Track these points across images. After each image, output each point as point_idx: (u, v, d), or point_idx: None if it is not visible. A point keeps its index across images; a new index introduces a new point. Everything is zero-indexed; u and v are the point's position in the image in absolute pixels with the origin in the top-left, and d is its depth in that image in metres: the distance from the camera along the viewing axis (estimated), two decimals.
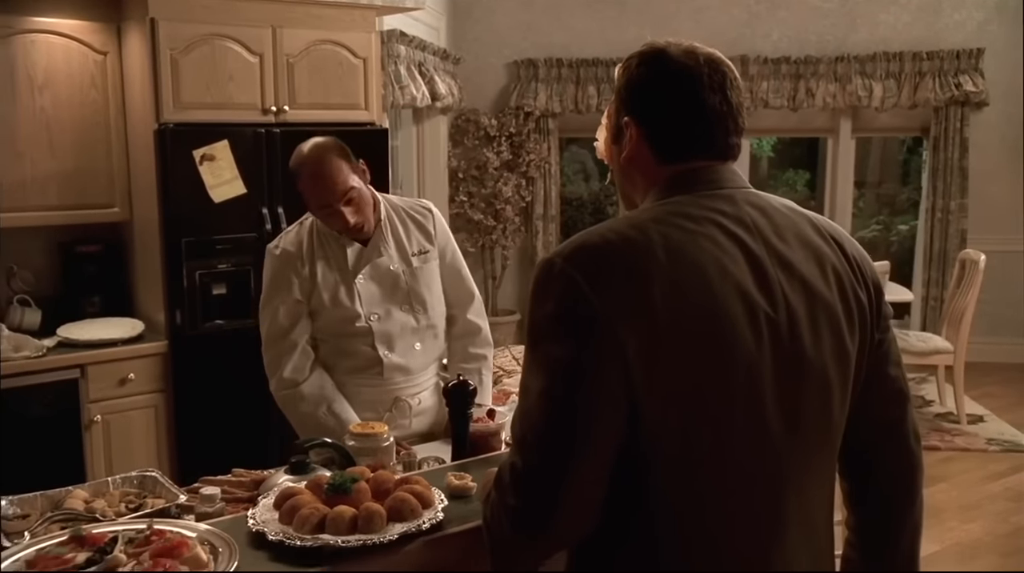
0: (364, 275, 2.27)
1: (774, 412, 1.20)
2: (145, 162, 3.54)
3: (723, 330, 1.17)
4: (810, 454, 1.26)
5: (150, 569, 1.32)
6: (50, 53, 3.44)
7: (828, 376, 1.25)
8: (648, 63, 1.32)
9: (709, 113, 1.29)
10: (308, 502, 1.50)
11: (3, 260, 3.60)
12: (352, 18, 3.87)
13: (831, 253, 1.29)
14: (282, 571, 1.41)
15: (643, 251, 1.18)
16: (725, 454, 1.18)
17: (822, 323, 1.24)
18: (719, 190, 1.28)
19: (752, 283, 1.20)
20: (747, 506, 1.20)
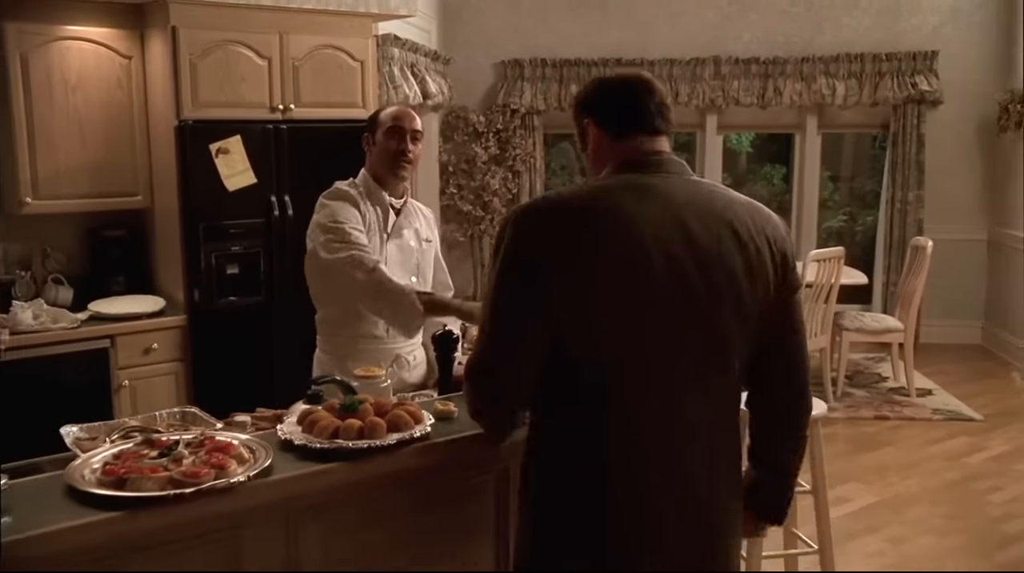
0: (394, 242, 2.71)
1: (678, 350, 1.63)
2: (166, 155, 3.95)
3: (641, 273, 1.59)
4: (708, 373, 1.67)
5: (207, 459, 1.74)
6: (82, 58, 3.85)
7: (726, 320, 1.67)
8: (596, 83, 1.81)
9: (639, 102, 1.74)
10: (325, 417, 1.93)
11: (39, 243, 4.01)
12: (351, 25, 4.28)
13: (748, 233, 1.68)
14: (307, 468, 1.83)
15: (579, 209, 1.62)
16: (637, 363, 1.61)
17: (724, 278, 1.65)
18: (660, 172, 1.70)
19: (676, 246, 1.61)
20: (653, 402, 1.62)
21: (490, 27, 7.03)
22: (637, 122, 1.75)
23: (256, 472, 1.75)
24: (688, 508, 1.67)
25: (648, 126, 1.75)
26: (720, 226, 1.66)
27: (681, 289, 1.61)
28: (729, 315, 1.66)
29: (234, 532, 1.83)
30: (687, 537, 1.68)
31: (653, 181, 1.68)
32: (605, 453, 1.64)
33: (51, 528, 1.57)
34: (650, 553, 1.66)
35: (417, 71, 5.73)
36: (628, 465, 1.64)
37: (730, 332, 1.67)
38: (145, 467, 1.71)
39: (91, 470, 1.73)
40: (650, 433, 1.64)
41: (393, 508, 2.00)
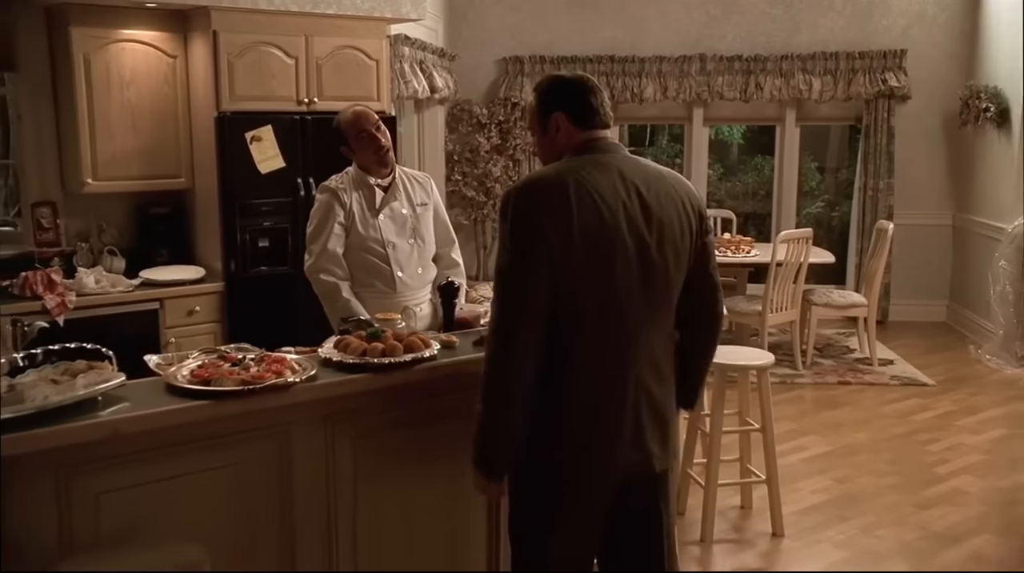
0: (384, 214, 3.26)
1: (638, 290, 2.16)
2: (206, 142, 4.52)
3: (612, 237, 2.06)
4: (656, 315, 2.18)
5: (268, 368, 2.32)
6: (135, 57, 4.42)
7: (670, 271, 2.20)
8: (553, 81, 2.30)
9: (596, 102, 2.24)
10: (356, 341, 2.50)
11: (95, 218, 4.59)
12: (367, 28, 4.84)
13: (676, 195, 2.20)
14: (342, 377, 2.41)
15: (562, 185, 2.08)
16: (608, 311, 2.08)
17: (668, 238, 2.19)
18: (609, 152, 2.22)
19: (633, 208, 2.13)
20: (617, 343, 2.10)
21: (492, 26, 7.58)
22: (595, 117, 2.26)
23: (305, 377, 2.33)
24: (648, 405, 2.16)
25: (602, 122, 2.25)
26: (659, 190, 2.17)
27: (638, 242, 2.10)
28: (671, 260, 2.17)
29: (286, 427, 2.41)
30: (650, 428, 2.18)
31: (607, 159, 2.21)
32: (583, 367, 2.10)
33: (161, 409, 2.15)
34: (620, 440, 2.14)
35: (425, 67, 6.29)
36: (599, 375, 2.11)
37: (672, 274, 2.18)
38: (224, 371, 2.29)
39: (182, 375, 2.31)
40: (614, 353, 2.11)
41: (407, 416, 2.58)
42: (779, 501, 3.84)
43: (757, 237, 7.28)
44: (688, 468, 4.00)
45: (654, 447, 2.20)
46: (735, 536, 3.86)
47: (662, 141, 11.68)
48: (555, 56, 7.51)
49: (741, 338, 6.15)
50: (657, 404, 2.20)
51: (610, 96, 7.32)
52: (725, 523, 3.95)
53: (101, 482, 2.16)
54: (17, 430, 1.96)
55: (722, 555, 3.70)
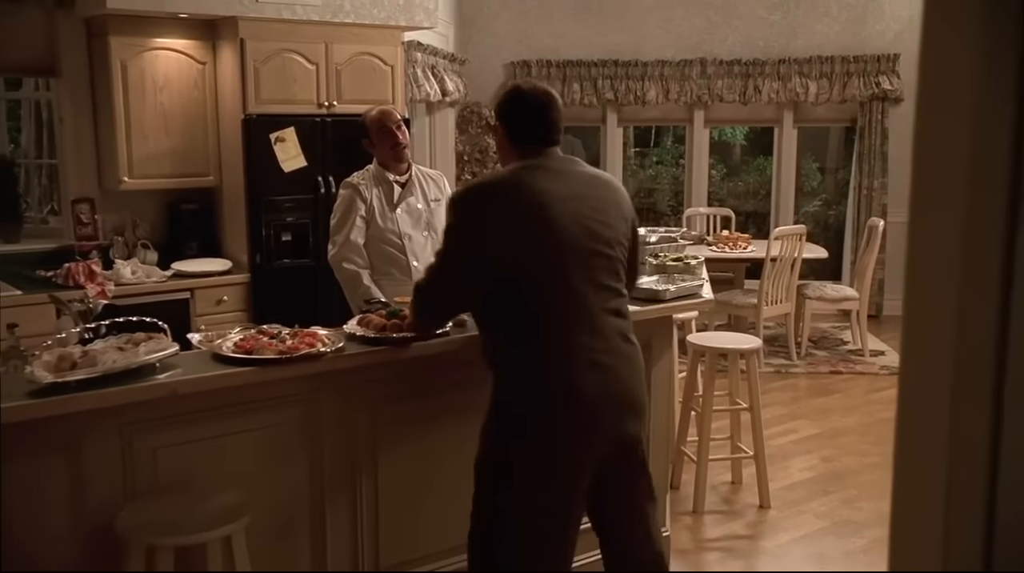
0: (401, 209, 3.57)
1: (579, 269, 2.37)
2: (233, 142, 4.84)
3: (553, 224, 2.34)
4: (606, 288, 2.43)
5: (303, 340, 2.63)
6: (167, 64, 4.74)
7: (614, 249, 2.45)
8: (509, 95, 2.55)
9: (544, 119, 2.49)
10: (377, 319, 2.82)
11: (130, 214, 4.92)
12: (383, 36, 5.16)
13: (608, 194, 2.49)
14: (366, 349, 2.72)
15: (509, 184, 2.39)
16: (561, 283, 2.36)
17: (601, 225, 2.42)
18: (558, 160, 2.48)
19: (577, 202, 2.38)
20: (567, 311, 2.37)
21: (501, 32, 7.89)
22: (534, 134, 2.48)
23: (334, 349, 2.64)
24: (612, 377, 2.41)
25: (544, 139, 2.47)
26: (599, 190, 2.47)
27: (584, 230, 2.38)
28: (615, 245, 2.46)
29: (315, 394, 2.73)
30: (616, 398, 2.44)
31: (551, 164, 2.45)
32: (546, 346, 2.37)
33: (211, 373, 2.47)
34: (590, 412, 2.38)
35: (436, 72, 6.60)
36: (560, 352, 2.37)
37: (614, 258, 2.46)
38: (264, 343, 2.60)
39: (227, 346, 2.63)
40: (574, 328, 2.37)
41: (421, 386, 2.89)
42: (766, 476, 4.13)
43: (757, 235, 7.57)
44: (682, 445, 4.30)
45: (624, 416, 2.44)
46: (725, 508, 4.16)
47: (667, 142, 11.97)
48: (561, 60, 7.82)
49: (738, 329, 6.43)
50: (620, 375, 2.42)
51: (614, 98, 7.70)
52: (716, 496, 4.25)
53: (158, 438, 2.48)
54: (91, 389, 2.28)
55: (712, 524, 4.00)
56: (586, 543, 2.70)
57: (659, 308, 3.27)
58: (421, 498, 2.95)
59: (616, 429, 2.45)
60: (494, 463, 2.45)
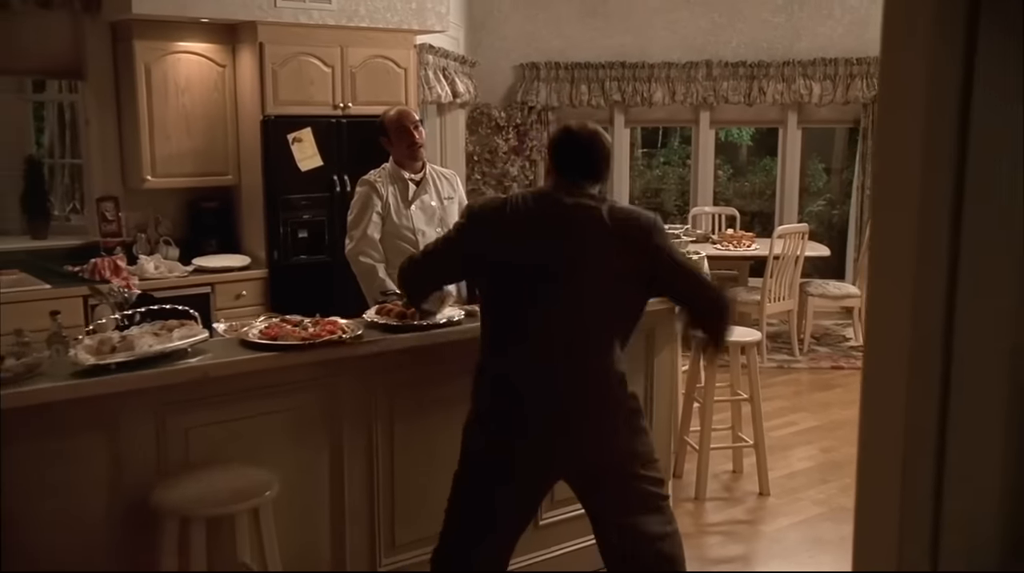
0: (415, 206, 3.74)
1: (558, 289, 2.49)
2: (252, 143, 5.02)
3: (535, 243, 2.49)
4: (587, 319, 2.53)
5: (324, 328, 2.80)
6: (189, 67, 4.92)
7: (597, 280, 2.54)
8: (560, 134, 2.70)
9: (578, 157, 2.63)
10: (395, 307, 2.98)
11: (152, 211, 5.10)
12: (396, 39, 5.33)
13: (608, 222, 2.54)
14: (384, 336, 2.88)
15: (506, 204, 2.55)
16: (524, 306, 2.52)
17: (596, 255, 2.52)
18: (573, 191, 2.60)
19: (564, 230, 2.52)
20: (536, 325, 2.52)
21: (510, 34, 8.06)
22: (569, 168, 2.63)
23: (353, 336, 2.81)
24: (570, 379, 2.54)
25: (579, 172, 2.61)
26: (588, 221, 2.53)
27: (568, 260, 2.50)
28: (599, 281, 2.53)
29: (334, 379, 2.89)
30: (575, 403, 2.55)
31: (566, 198, 2.56)
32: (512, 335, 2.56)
33: (240, 357, 2.64)
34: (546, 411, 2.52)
35: (447, 74, 6.77)
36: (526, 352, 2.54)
37: (599, 297, 2.54)
38: (288, 330, 2.77)
39: (253, 334, 2.79)
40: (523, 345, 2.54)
41: (434, 372, 3.05)
42: (766, 464, 4.28)
43: (763, 234, 7.71)
44: (685, 436, 4.45)
45: (560, 441, 2.54)
46: (726, 495, 4.31)
47: (674, 143, 12.13)
48: (569, 62, 7.97)
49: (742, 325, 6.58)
50: (577, 381, 2.53)
51: (621, 99, 7.86)
52: (718, 484, 4.40)
53: (189, 419, 2.65)
54: (129, 371, 2.45)
55: (713, 510, 4.15)
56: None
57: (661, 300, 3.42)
58: (435, 479, 3.10)
59: (553, 451, 2.56)
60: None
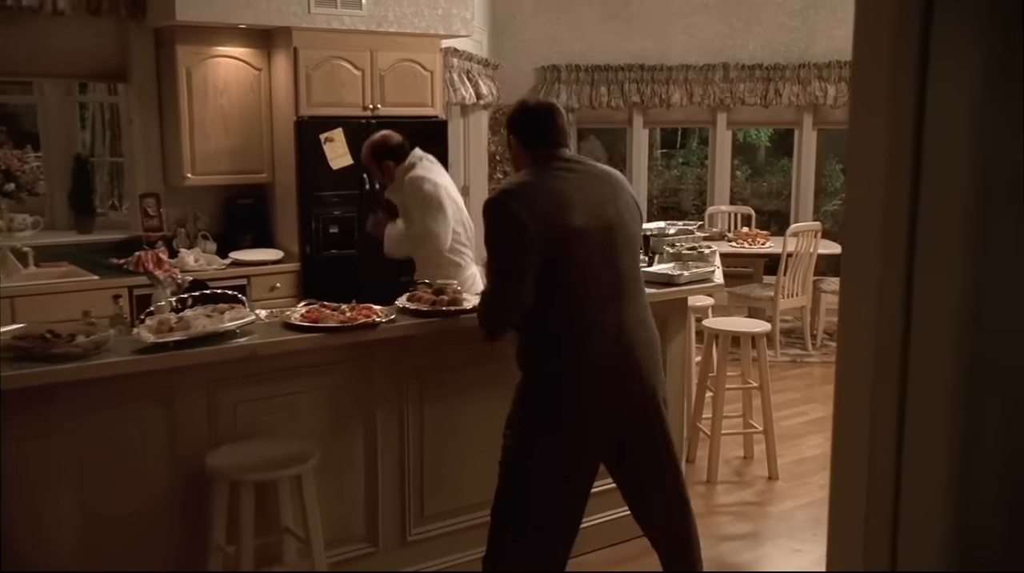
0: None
1: (604, 255, 2.73)
2: (286, 142, 5.27)
3: (573, 218, 2.67)
4: (627, 276, 2.80)
5: (361, 312, 3.03)
6: (227, 70, 5.18)
7: (629, 240, 2.82)
8: (516, 110, 2.91)
9: (550, 126, 2.83)
10: (426, 294, 3.21)
11: (191, 207, 5.37)
12: (423, 44, 5.57)
13: (620, 188, 2.83)
14: (415, 320, 3.12)
15: (533, 187, 2.72)
16: (583, 275, 2.71)
17: (618, 215, 2.76)
18: (567, 160, 2.81)
19: (588, 198, 2.73)
20: (597, 298, 2.73)
21: (532, 38, 8.28)
22: (545, 138, 2.82)
23: (387, 320, 3.04)
24: (631, 347, 2.78)
25: (553, 141, 2.81)
26: (609, 188, 2.80)
27: (601, 225, 2.71)
28: (630, 236, 2.81)
29: (369, 361, 3.13)
30: (634, 365, 2.80)
31: (560, 166, 2.77)
32: (566, 322, 2.72)
33: (284, 337, 2.88)
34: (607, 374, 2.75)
35: (472, 76, 7.00)
36: (579, 327, 2.72)
37: (631, 248, 2.83)
38: (327, 314, 3.01)
39: (295, 317, 3.03)
40: (591, 310, 2.72)
41: (460, 356, 3.28)
42: (775, 449, 4.48)
43: (778, 232, 7.88)
44: (697, 422, 4.66)
45: (641, 379, 2.78)
46: (736, 479, 4.52)
47: (692, 143, 12.31)
48: (589, 64, 8.19)
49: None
50: (640, 345, 2.77)
51: (640, 101, 8.07)
52: (729, 469, 4.61)
53: (237, 394, 2.90)
54: (185, 349, 2.70)
55: (724, 492, 4.35)
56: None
57: (674, 291, 3.64)
58: (461, 455, 3.34)
59: (627, 403, 2.79)
60: (517, 423, 2.82)
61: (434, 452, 3.30)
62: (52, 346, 2.54)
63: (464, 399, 3.31)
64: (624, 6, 8.20)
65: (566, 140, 2.87)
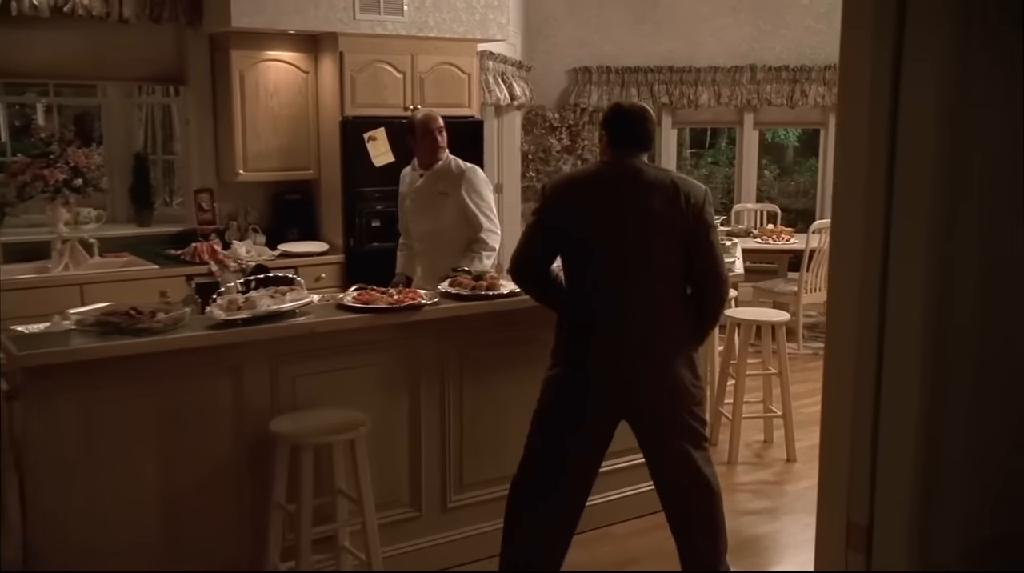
0: (410, 199, 4.34)
1: (623, 249, 2.98)
2: (331, 141, 5.59)
3: (608, 209, 2.97)
4: (641, 272, 3.03)
5: (407, 295, 3.33)
6: (276, 73, 5.51)
7: (658, 240, 3.03)
8: (612, 110, 3.21)
9: (636, 131, 3.12)
10: (466, 279, 3.50)
11: (242, 202, 5.70)
12: (461, 47, 5.86)
13: (678, 191, 3.03)
14: (457, 302, 3.41)
15: (580, 175, 3.08)
16: (603, 260, 3.00)
17: (661, 216, 3.00)
18: (629, 160, 3.11)
19: (630, 200, 3.01)
20: (611, 288, 3.00)
21: (564, 41, 8.55)
22: (625, 138, 3.10)
23: (432, 301, 3.33)
24: (641, 329, 3.01)
25: (636, 143, 3.08)
26: (657, 188, 3.02)
27: (632, 220, 2.98)
28: (658, 238, 3.01)
29: (414, 340, 3.42)
30: (645, 346, 3.03)
31: (623, 167, 3.05)
32: (591, 305, 3.02)
33: (339, 317, 3.18)
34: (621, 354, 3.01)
35: (506, 78, 7.29)
36: (599, 307, 3.01)
37: (658, 251, 3.01)
38: (377, 296, 3.31)
39: (348, 299, 3.33)
40: (610, 303, 3.00)
41: (498, 337, 3.56)
42: (792, 433, 4.72)
43: (803, 230, 8.08)
44: (720, 407, 4.90)
45: (652, 388, 3.01)
46: (755, 460, 4.76)
47: (722, 143, 12.52)
48: (619, 67, 8.44)
49: None
50: (651, 350, 2.99)
51: (668, 102, 8.32)
52: (749, 452, 4.85)
53: (296, 369, 3.20)
54: (251, 325, 3.01)
55: (744, 472, 4.60)
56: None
57: None
58: (497, 428, 3.62)
59: (629, 393, 3.02)
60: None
61: (472, 425, 3.59)
62: (137, 321, 2.86)
63: (500, 377, 3.59)
64: (653, 9, 8.44)
65: (649, 143, 3.12)
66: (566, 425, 3.07)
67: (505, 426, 3.62)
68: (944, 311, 1.67)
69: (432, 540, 3.54)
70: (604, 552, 3.68)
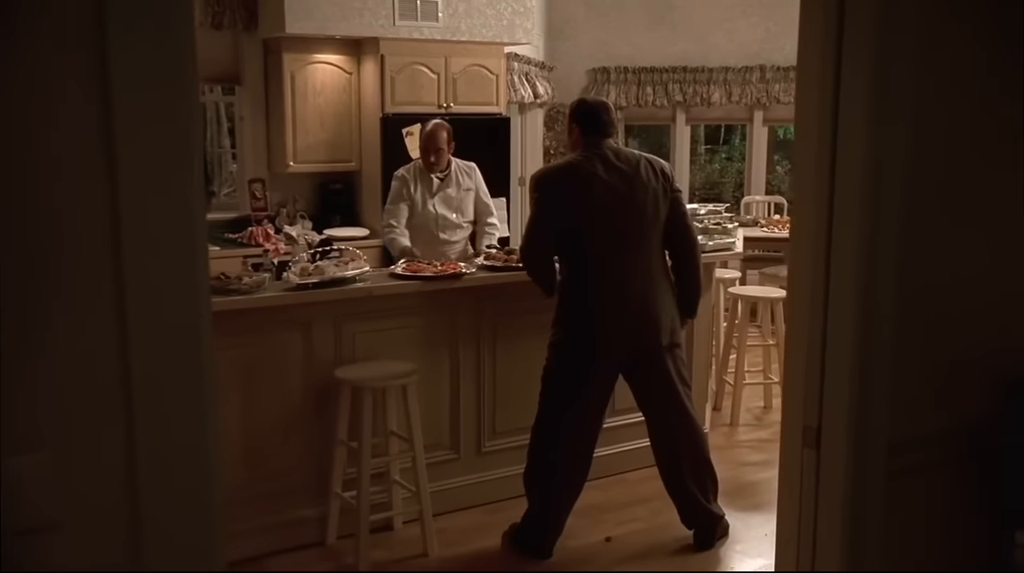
0: (439, 197, 4.80)
1: (622, 223, 3.52)
2: (372, 136, 6.14)
3: (601, 192, 3.49)
4: (640, 240, 3.57)
5: (448, 267, 3.88)
6: (323, 74, 6.08)
7: (647, 210, 3.58)
8: (579, 106, 3.73)
9: (603, 121, 3.64)
10: (499, 254, 4.05)
11: (291, 192, 6.28)
12: (490, 50, 6.40)
13: (650, 167, 3.59)
14: (492, 273, 3.95)
15: (572, 167, 3.55)
16: (604, 236, 3.53)
17: (644, 189, 3.55)
18: (609, 147, 3.63)
19: (617, 178, 3.53)
20: (614, 257, 3.53)
21: (584, 42, 9.07)
22: (597, 128, 3.62)
23: (470, 272, 3.89)
24: (642, 302, 3.55)
25: (604, 132, 3.60)
26: (635, 167, 3.54)
27: (622, 198, 3.50)
28: (649, 207, 3.54)
29: (454, 306, 3.97)
30: (645, 317, 3.58)
31: (601, 153, 3.56)
32: (594, 279, 3.55)
33: (392, 283, 3.75)
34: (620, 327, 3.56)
35: (530, 78, 7.82)
36: (606, 283, 3.54)
37: (648, 219, 3.55)
38: (424, 266, 3.86)
39: (399, 269, 3.89)
40: (614, 269, 3.53)
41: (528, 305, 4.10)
42: None
43: None
44: (723, 375, 5.43)
45: (650, 330, 3.55)
46: (755, 422, 5.28)
47: (735, 140, 13.00)
48: (636, 66, 8.96)
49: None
50: (649, 300, 3.54)
51: (682, 100, 8.84)
52: (750, 415, 5.37)
53: (356, 327, 3.76)
54: (320, 289, 3.57)
55: (744, 432, 5.13)
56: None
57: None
58: (525, 383, 4.15)
59: (633, 338, 3.55)
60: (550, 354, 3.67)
61: (504, 380, 4.14)
62: (227, 284, 3.43)
63: (529, 338, 4.13)
64: (669, 12, 8.95)
65: (613, 131, 3.66)
66: (573, 381, 3.59)
67: (532, 383, 4.15)
68: (872, 263, 2.21)
69: (469, 480, 4.09)
70: (618, 492, 4.22)
